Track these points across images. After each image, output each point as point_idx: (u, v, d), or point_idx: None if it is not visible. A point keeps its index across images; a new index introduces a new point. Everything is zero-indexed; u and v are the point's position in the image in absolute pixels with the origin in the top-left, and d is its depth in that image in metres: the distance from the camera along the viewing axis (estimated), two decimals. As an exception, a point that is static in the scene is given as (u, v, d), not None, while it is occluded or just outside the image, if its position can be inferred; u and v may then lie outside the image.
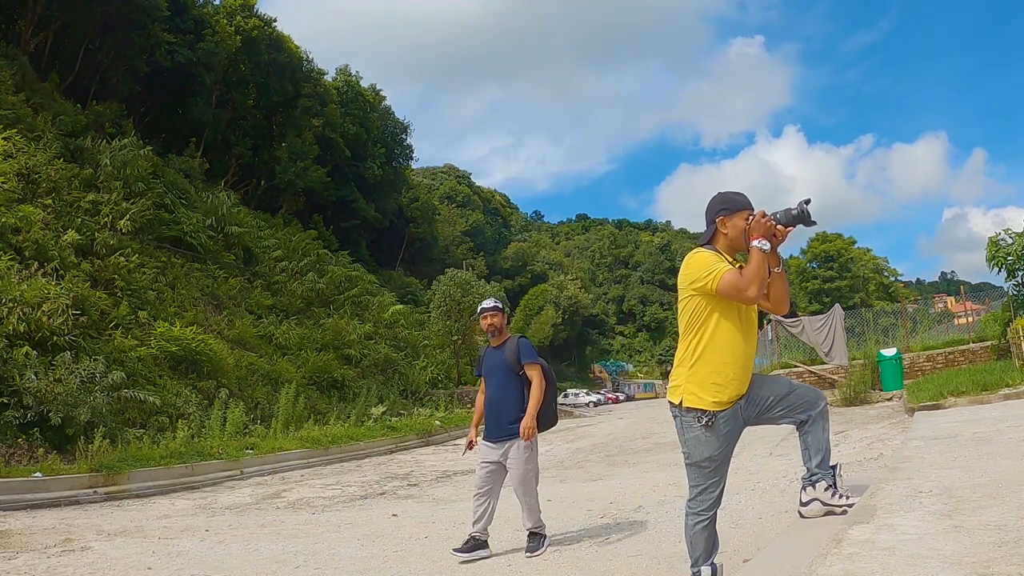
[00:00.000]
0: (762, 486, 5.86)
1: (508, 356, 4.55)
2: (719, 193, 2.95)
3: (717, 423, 2.78)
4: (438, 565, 4.31)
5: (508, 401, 4.50)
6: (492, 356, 4.67)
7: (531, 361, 4.51)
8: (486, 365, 4.70)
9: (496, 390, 4.58)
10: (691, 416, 2.79)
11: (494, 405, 4.56)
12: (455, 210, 74.66)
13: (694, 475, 2.85)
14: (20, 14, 24.04)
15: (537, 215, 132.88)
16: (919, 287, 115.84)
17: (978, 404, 8.96)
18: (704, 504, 2.84)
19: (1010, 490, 3.70)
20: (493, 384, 4.61)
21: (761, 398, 2.94)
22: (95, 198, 16.88)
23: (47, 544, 5.09)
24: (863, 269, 75.13)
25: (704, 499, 2.84)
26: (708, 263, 2.75)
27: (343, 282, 28.06)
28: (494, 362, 4.63)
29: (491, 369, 4.64)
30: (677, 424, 2.89)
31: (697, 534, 2.86)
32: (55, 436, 8.82)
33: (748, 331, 2.87)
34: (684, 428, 2.83)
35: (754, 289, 2.66)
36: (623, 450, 11.31)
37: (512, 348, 4.57)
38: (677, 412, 2.86)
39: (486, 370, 4.69)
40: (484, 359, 4.75)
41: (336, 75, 46.34)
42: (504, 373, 4.54)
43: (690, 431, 2.81)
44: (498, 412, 4.53)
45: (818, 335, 16.85)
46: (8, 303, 10.08)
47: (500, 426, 4.49)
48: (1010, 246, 12.84)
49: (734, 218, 2.83)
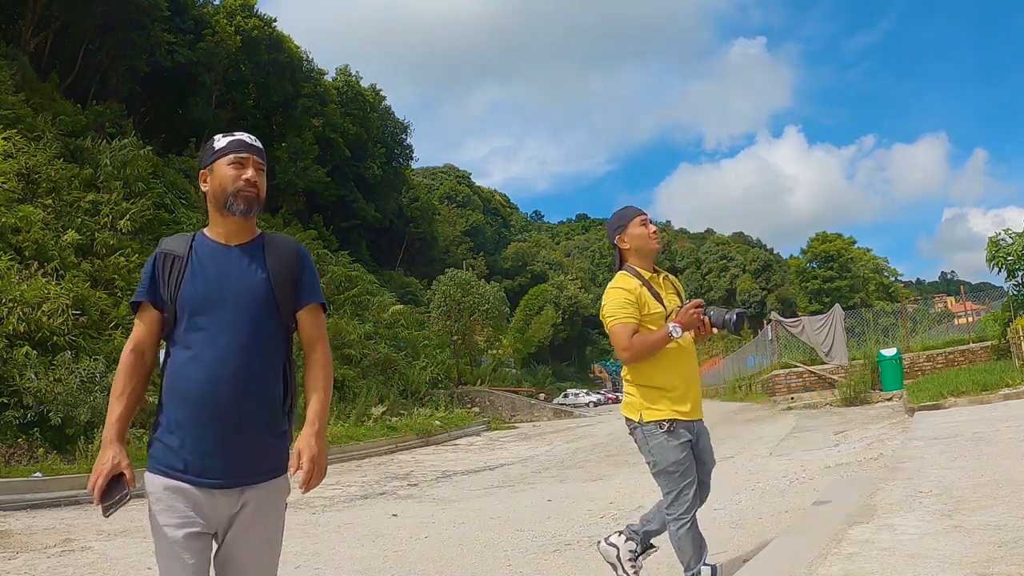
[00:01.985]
0: (762, 486, 5.86)
1: (276, 271, 1.91)
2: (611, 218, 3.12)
3: (678, 429, 2.86)
4: (438, 565, 4.31)
5: (257, 383, 1.83)
6: (221, 261, 1.89)
7: (316, 301, 2.01)
8: (200, 278, 1.86)
9: (227, 349, 1.80)
10: (652, 424, 2.87)
11: (217, 387, 1.78)
12: (455, 210, 74.68)
13: (665, 482, 2.90)
14: (20, 14, 24.04)
15: (537, 215, 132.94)
16: (919, 287, 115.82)
17: (978, 404, 8.96)
18: (682, 508, 2.87)
19: (1010, 490, 3.70)
20: (216, 332, 1.82)
21: (703, 448, 3.03)
22: (95, 198, 16.87)
23: (47, 544, 5.09)
24: (863, 269, 75.10)
25: (681, 503, 2.88)
26: (615, 306, 2.88)
27: (343, 282, 28.05)
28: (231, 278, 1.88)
29: (214, 292, 1.85)
30: (637, 436, 2.96)
31: (683, 538, 2.89)
32: (55, 436, 8.82)
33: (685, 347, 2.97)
34: (647, 437, 2.90)
35: (628, 357, 2.85)
36: (623, 450, 11.31)
37: (284, 257, 1.94)
38: (636, 425, 2.94)
39: (198, 293, 1.84)
40: (195, 263, 1.88)
41: (336, 75, 46.40)
42: (254, 308, 1.85)
43: (653, 438, 2.88)
44: (228, 409, 1.78)
45: (818, 335, 16.84)
46: (8, 303, 10.08)
47: (235, 450, 1.79)
48: (1010, 246, 12.84)
49: (629, 229, 2.97)
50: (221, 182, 1.89)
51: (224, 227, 1.93)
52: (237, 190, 1.88)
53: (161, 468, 1.79)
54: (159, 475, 1.79)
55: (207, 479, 1.77)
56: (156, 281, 1.89)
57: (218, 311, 1.84)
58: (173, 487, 1.76)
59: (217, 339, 1.81)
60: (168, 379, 1.84)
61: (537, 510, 6.04)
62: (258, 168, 1.93)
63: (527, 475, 8.52)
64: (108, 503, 1.74)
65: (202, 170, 1.95)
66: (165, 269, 1.88)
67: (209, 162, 1.92)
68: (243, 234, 1.94)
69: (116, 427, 1.81)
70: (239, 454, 1.79)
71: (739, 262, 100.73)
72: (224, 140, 1.94)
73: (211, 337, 1.81)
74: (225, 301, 1.84)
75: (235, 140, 1.93)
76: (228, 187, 1.87)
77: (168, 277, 1.87)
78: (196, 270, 1.87)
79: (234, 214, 1.89)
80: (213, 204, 1.91)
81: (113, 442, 1.79)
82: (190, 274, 1.87)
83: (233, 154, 1.91)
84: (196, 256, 1.89)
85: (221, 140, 1.94)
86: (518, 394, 25.27)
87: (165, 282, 1.87)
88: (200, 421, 1.77)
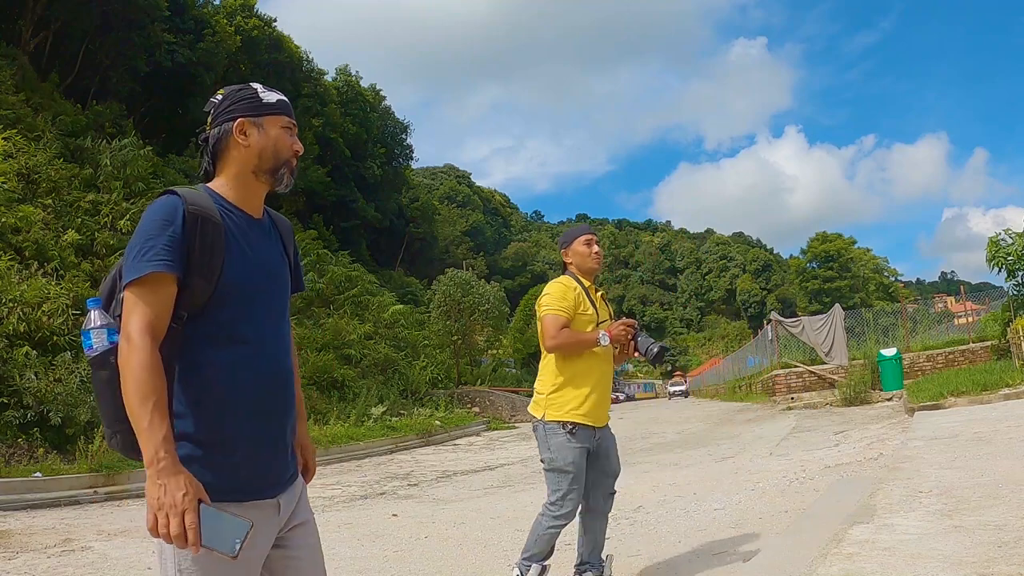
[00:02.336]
0: (762, 486, 5.86)
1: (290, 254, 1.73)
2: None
3: (579, 432, 3.05)
4: (438, 565, 4.31)
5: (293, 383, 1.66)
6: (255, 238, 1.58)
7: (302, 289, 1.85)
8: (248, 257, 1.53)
9: (276, 346, 1.58)
10: (555, 424, 3.07)
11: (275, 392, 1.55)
12: (455, 210, 74.69)
13: (556, 479, 3.06)
14: (20, 14, 24.03)
15: (537, 215, 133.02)
16: (919, 287, 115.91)
17: (978, 404, 8.97)
18: (564, 509, 3.03)
19: (1010, 490, 3.70)
20: (264, 326, 1.55)
21: (604, 451, 3.24)
22: (95, 198, 16.87)
23: (47, 544, 5.09)
24: (863, 269, 75.14)
25: (565, 503, 3.03)
26: (554, 297, 3.12)
27: (343, 282, 28.02)
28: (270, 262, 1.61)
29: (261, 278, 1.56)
30: (539, 434, 3.14)
31: (544, 536, 3.08)
32: (55, 436, 8.82)
33: (604, 358, 3.17)
34: (548, 434, 3.09)
35: (551, 345, 3.08)
36: (623, 450, 11.27)
37: (290, 238, 1.75)
38: (539, 424, 3.13)
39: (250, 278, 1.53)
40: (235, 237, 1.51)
41: (336, 75, 46.40)
42: (285, 298, 1.65)
43: (555, 437, 3.06)
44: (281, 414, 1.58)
45: (818, 335, 16.86)
46: (8, 303, 10.08)
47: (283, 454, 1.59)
48: (1010, 246, 12.85)
49: (574, 246, 3.23)
50: (276, 145, 1.56)
51: (254, 196, 1.59)
52: (289, 160, 1.59)
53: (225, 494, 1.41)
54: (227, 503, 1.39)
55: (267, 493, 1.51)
56: (186, 247, 1.41)
57: (264, 300, 1.54)
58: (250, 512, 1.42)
59: (265, 336, 1.52)
60: (211, 383, 1.44)
61: (537, 510, 6.03)
62: None
63: (527, 475, 8.51)
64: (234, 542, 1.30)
65: (242, 118, 1.53)
66: (203, 236, 1.43)
67: (257, 113, 1.55)
68: (260, 208, 1.63)
69: (172, 445, 1.33)
70: (285, 458, 1.58)
71: (739, 262, 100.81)
72: (272, 95, 1.58)
73: (260, 333, 1.51)
74: (271, 289, 1.56)
75: (284, 101, 1.61)
76: (283, 153, 1.57)
77: (203, 247, 1.43)
78: (242, 247, 1.50)
79: (277, 185, 1.59)
80: (250, 165, 1.55)
81: (179, 464, 1.32)
82: (238, 252, 1.49)
83: (287, 117, 1.60)
84: (232, 226, 1.50)
85: (268, 94, 1.58)
86: (518, 394, 25.22)
87: (199, 252, 1.42)
88: (258, 431, 1.49)
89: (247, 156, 1.54)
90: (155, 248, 1.38)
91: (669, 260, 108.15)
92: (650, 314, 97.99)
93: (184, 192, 1.47)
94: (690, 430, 13.95)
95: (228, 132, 1.54)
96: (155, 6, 26.73)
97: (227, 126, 1.54)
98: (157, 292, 1.38)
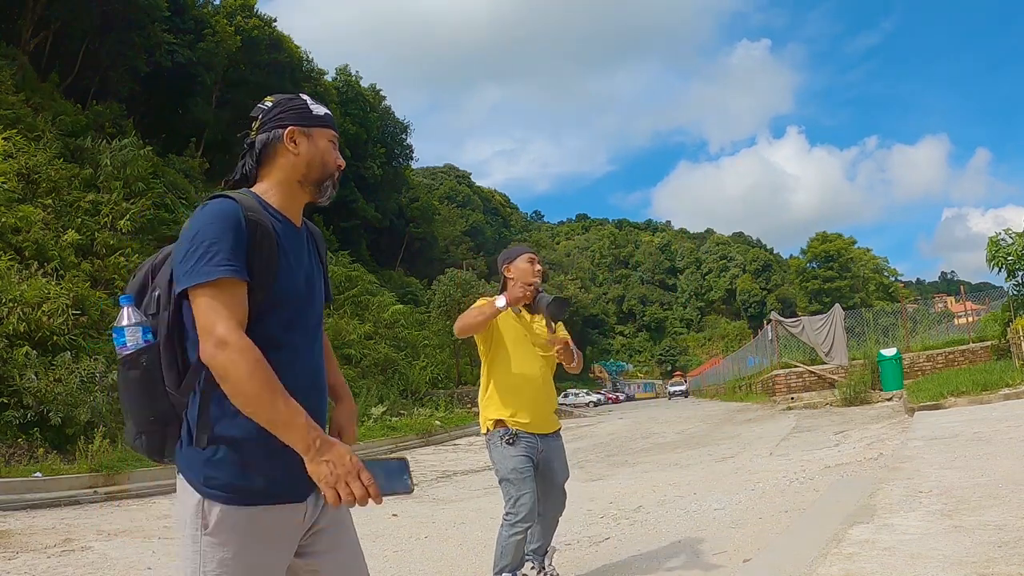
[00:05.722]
0: (762, 486, 5.86)
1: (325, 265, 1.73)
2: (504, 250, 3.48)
3: (519, 440, 3.10)
4: (438, 565, 4.31)
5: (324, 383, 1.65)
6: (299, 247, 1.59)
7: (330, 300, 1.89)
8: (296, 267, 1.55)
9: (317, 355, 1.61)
10: (496, 435, 3.12)
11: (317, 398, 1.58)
12: (455, 210, 74.64)
13: (505, 488, 3.12)
14: (20, 14, 24.03)
15: (537, 215, 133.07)
16: (919, 287, 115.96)
17: (978, 404, 8.97)
18: (520, 515, 3.04)
19: (1010, 490, 3.71)
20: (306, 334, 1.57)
21: (547, 463, 3.22)
22: (95, 198, 16.87)
23: (47, 544, 5.09)
24: (863, 269, 75.19)
25: (519, 509, 3.05)
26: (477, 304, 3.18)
27: (343, 282, 28.06)
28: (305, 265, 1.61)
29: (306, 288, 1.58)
30: (487, 445, 3.21)
31: (510, 545, 3.09)
32: (55, 436, 8.81)
33: (529, 360, 3.20)
34: (491, 447, 3.17)
35: (455, 329, 3.16)
36: (623, 450, 11.31)
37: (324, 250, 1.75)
38: (487, 437, 3.20)
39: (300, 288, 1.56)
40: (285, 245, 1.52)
41: (336, 75, 46.39)
42: (321, 306, 1.67)
43: (495, 449, 3.14)
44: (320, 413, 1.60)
45: (818, 335, 16.86)
46: (8, 303, 10.08)
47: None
48: (1010, 246, 12.85)
49: (516, 263, 3.28)
50: (324, 157, 1.57)
51: (296, 204, 1.59)
52: (333, 173, 1.60)
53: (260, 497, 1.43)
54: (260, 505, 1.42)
55: (299, 495, 1.49)
56: (248, 254, 1.41)
57: (304, 309, 1.54)
58: (280, 515, 1.45)
59: (305, 343, 1.54)
60: None
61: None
62: None
63: (527, 475, 8.51)
64: (406, 481, 1.48)
65: (293, 127, 1.54)
66: (262, 245, 1.43)
67: (308, 124, 1.56)
68: (300, 217, 1.62)
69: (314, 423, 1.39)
70: None
71: (739, 262, 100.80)
72: (321, 108, 1.60)
73: (300, 341, 1.52)
74: (311, 298, 1.57)
75: (331, 116, 1.63)
76: (330, 166, 1.58)
77: (260, 255, 1.42)
78: (288, 255, 1.50)
79: (320, 197, 1.59)
80: (297, 173, 1.55)
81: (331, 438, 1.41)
82: (287, 260, 1.49)
83: (333, 131, 1.61)
84: (281, 234, 1.49)
85: (317, 107, 1.59)
86: (518, 394, 25.29)
87: (258, 261, 1.42)
88: None
89: (295, 164, 1.55)
90: (222, 252, 1.37)
91: (669, 260, 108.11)
92: (650, 314, 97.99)
93: (239, 197, 1.46)
94: (690, 430, 13.95)
95: (278, 139, 1.54)
96: (155, 6, 26.72)
97: (277, 132, 1.54)
98: (235, 295, 1.38)
